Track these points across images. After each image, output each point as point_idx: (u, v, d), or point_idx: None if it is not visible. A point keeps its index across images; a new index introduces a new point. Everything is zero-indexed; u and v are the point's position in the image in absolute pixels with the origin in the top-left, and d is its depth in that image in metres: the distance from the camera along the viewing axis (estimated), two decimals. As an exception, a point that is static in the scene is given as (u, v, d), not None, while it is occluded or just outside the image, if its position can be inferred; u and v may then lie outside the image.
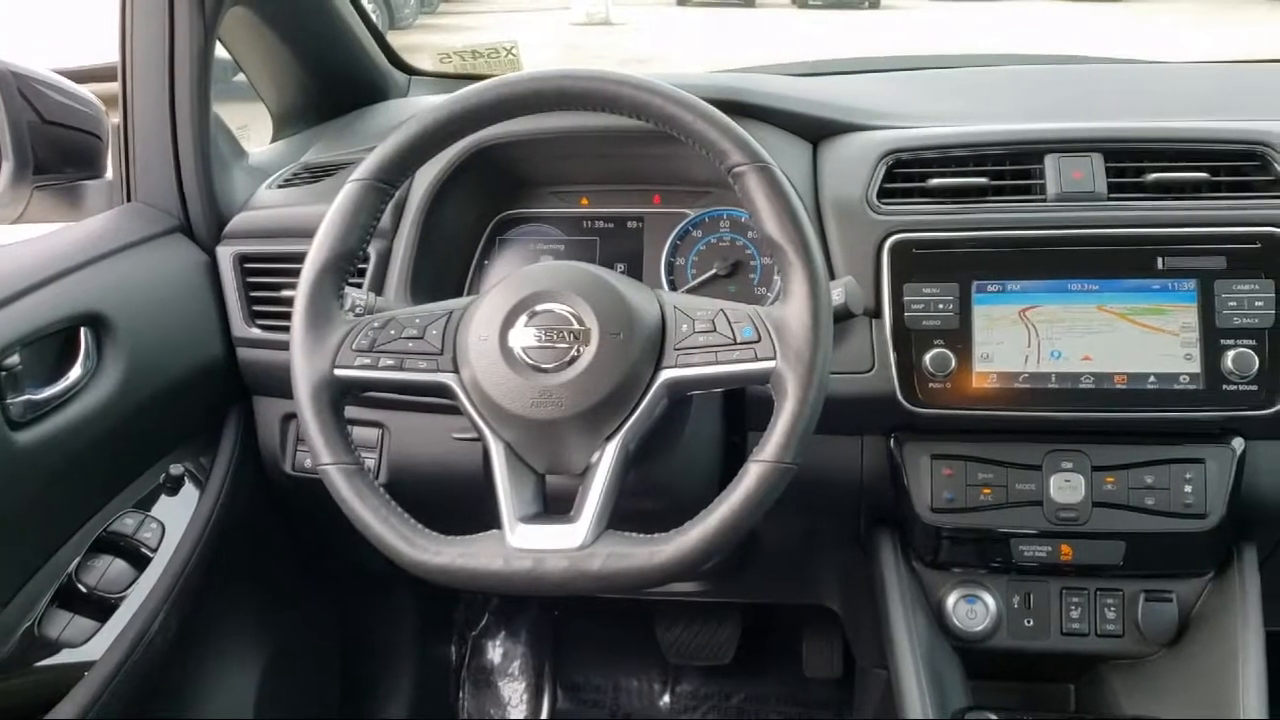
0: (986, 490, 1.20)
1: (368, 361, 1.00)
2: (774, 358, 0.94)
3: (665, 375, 0.97)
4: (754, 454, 0.94)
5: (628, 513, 0.98)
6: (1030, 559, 1.21)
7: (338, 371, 0.99)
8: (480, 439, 0.99)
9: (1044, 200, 1.19)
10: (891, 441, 1.23)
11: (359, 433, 1.31)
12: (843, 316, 1.06)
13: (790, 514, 1.33)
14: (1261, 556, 1.26)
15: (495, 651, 2.04)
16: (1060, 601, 1.24)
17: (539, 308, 0.98)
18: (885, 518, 1.29)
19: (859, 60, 1.70)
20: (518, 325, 0.98)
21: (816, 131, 1.31)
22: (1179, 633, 1.22)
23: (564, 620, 2.07)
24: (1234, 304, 1.13)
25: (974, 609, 1.25)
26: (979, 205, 1.20)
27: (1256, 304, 1.13)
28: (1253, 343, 1.13)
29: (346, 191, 1.02)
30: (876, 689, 1.50)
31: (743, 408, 1.24)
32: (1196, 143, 1.21)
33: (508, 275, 1.03)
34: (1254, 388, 1.12)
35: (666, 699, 1.99)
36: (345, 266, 1.03)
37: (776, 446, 0.93)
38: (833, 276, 1.19)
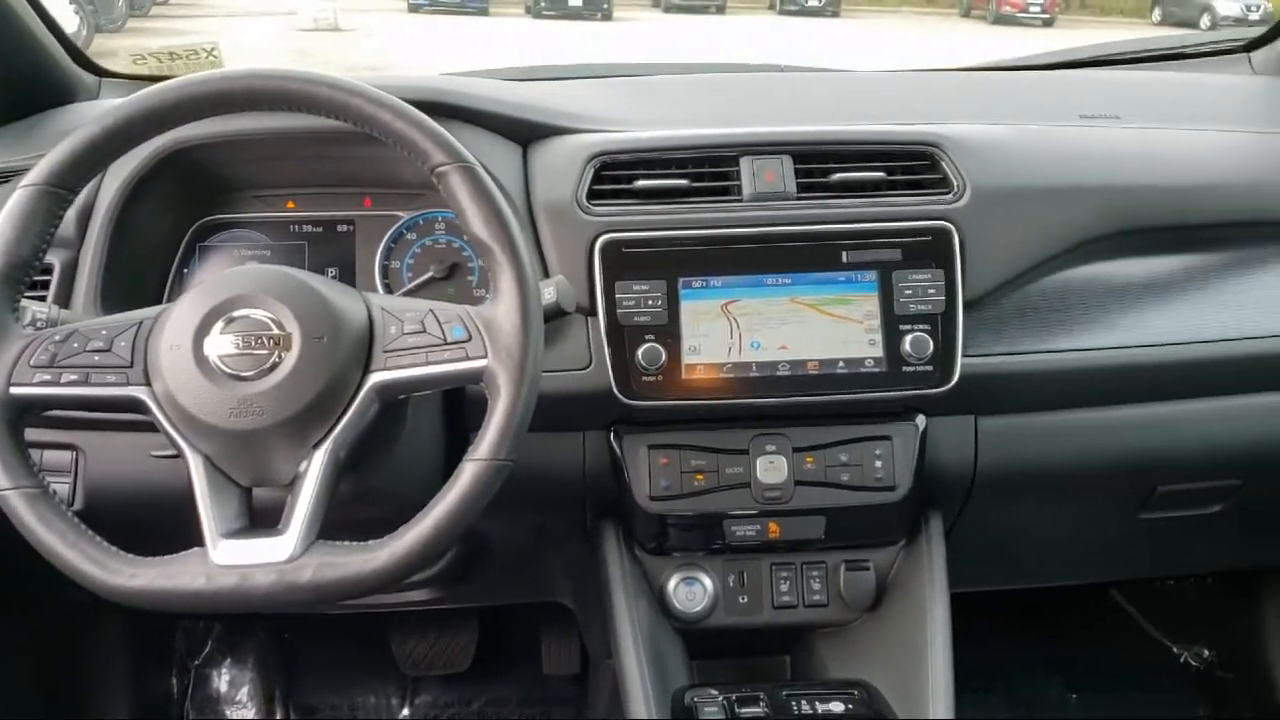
0: (700, 476, 1.25)
1: (48, 378, 0.93)
2: (485, 356, 0.95)
3: (374, 379, 0.96)
4: (468, 453, 0.94)
5: (345, 522, 0.97)
6: (742, 538, 1.27)
7: (14, 390, 0.92)
8: (179, 455, 0.95)
9: (741, 200, 1.26)
10: (611, 435, 1.27)
11: (50, 456, 1.22)
12: (555, 315, 1.08)
13: (517, 512, 1.34)
14: (947, 525, 1.38)
15: (221, 680, 1.94)
16: (771, 577, 1.31)
17: (236, 313, 0.95)
18: (609, 509, 1.33)
19: (570, 67, 1.74)
20: (213, 333, 0.94)
21: (526, 134, 1.33)
22: (877, 599, 1.32)
23: (295, 642, 2.00)
24: (910, 292, 1.23)
25: (693, 590, 1.30)
26: (682, 205, 1.25)
27: (929, 292, 1.23)
28: (928, 327, 1.23)
29: (16, 197, 0.95)
30: (609, 680, 1.54)
31: (463, 408, 1.24)
32: (874, 144, 1.31)
33: (201, 281, 0.99)
34: (930, 368, 1.23)
35: (405, 712, 1.97)
36: (18, 277, 0.95)
37: (490, 444, 0.94)
38: (547, 276, 1.21)
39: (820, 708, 1.18)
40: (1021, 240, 1.29)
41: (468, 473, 0.93)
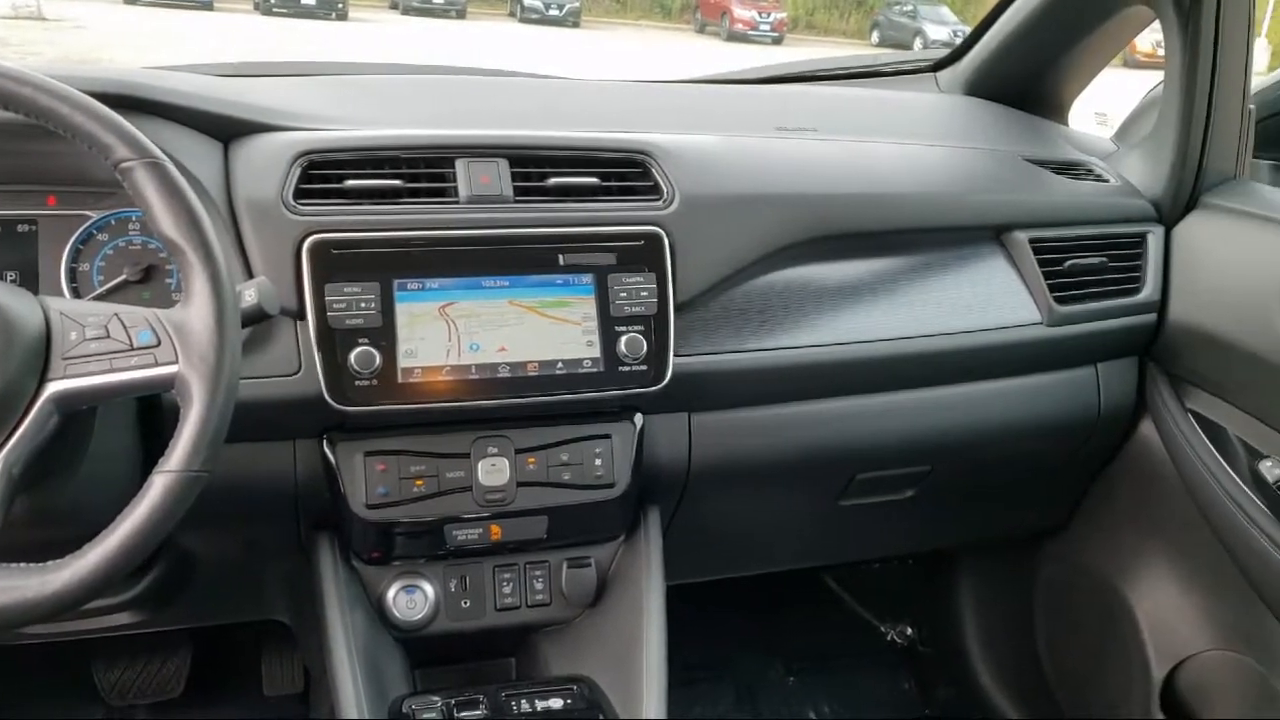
0: (419, 481, 1.24)
1: None
2: (176, 362, 0.90)
3: (52, 389, 0.89)
4: (159, 464, 0.89)
5: (25, 545, 0.90)
6: (464, 543, 1.26)
7: None
8: None
9: (456, 202, 1.25)
10: (324, 443, 1.23)
11: None
12: (257, 318, 1.04)
13: (224, 527, 1.29)
14: (665, 519, 1.42)
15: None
16: (493, 580, 1.31)
17: None
18: (325, 520, 1.29)
19: (282, 64, 1.68)
20: None
21: (227, 131, 1.27)
22: (598, 594, 1.34)
23: None
24: (624, 295, 1.27)
25: (413, 598, 1.28)
26: (395, 206, 1.23)
27: (642, 294, 1.27)
28: (641, 328, 1.26)
29: None
30: (329, 695, 1.49)
31: (160, 420, 1.17)
32: (589, 151, 1.34)
33: None
34: (644, 368, 1.26)
35: None
36: None
37: (183, 455, 0.89)
38: (251, 277, 1.17)
39: (540, 705, 1.20)
40: (727, 245, 1.35)
41: (157, 485, 0.88)
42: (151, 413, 1.16)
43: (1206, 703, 1.64)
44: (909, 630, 2.25)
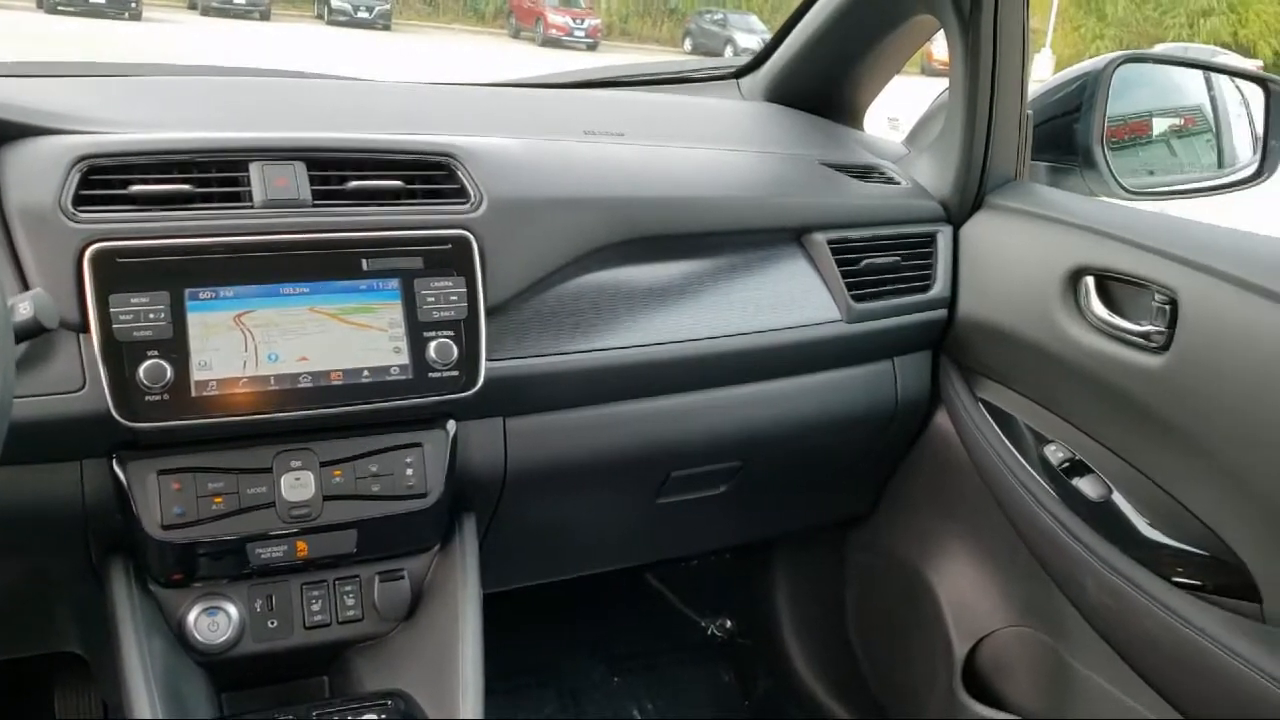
0: (219, 499, 1.18)
1: None
2: None
3: None
4: None
5: None
6: (268, 561, 1.22)
7: None
8: None
9: (251, 206, 1.21)
10: (114, 462, 1.16)
11: None
12: (34, 332, 0.98)
13: (8, 555, 1.20)
14: (481, 526, 1.41)
15: None
16: (302, 597, 1.27)
17: None
18: (118, 543, 1.22)
19: (58, 64, 1.58)
20: None
21: None
22: (413, 607, 1.32)
23: None
24: (433, 299, 1.25)
25: (216, 620, 1.22)
26: (185, 212, 1.18)
27: (452, 298, 1.25)
28: (451, 333, 1.25)
29: None
30: None
31: None
32: (392, 153, 1.31)
33: None
34: (456, 373, 1.25)
35: None
36: None
37: None
38: (27, 289, 1.09)
39: (353, 721, 1.16)
40: (537, 248, 1.35)
41: None
42: None
43: (1005, 677, 1.73)
44: (728, 623, 2.30)
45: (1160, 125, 1.91)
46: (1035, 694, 1.67)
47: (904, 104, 2.30)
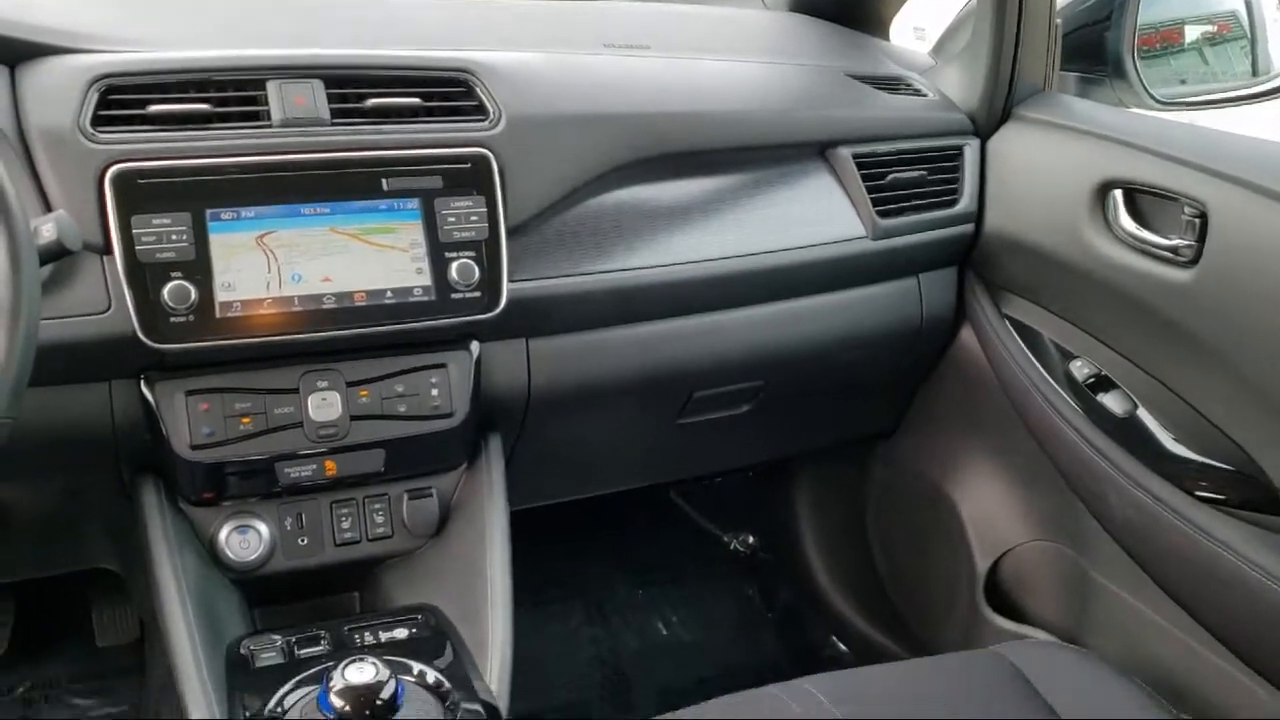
0: (246, 420, 1.19)
1: None
2: None
3: None
4: None
5: None
6: (297, 480, 1.23)
7: None
8: None
9: (270, 126, 1.19)
10: (142, 383, 1.17)
11: None
12: (58, 254, 0.98)
13: (39, 476, 1.22)
14: (507, 445, 1.42)
15: None
16: (331, 515, 1.28)
17: None
18: (148, 463, 1.23)
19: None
20: None
21: (13, 54, 1.18)
22: (441, 524, 1.33)
23: None
24: (453, 220, 1.24)
25: (247, 539, 1.24)
26: (204, 132, 1.17)
27: (472, 219, 1.25)
28: (473, 254, 1.24)
29: None
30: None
31: None
32: (409, 70, 1.29)
33: None
34: (478, 294, 1.24)
35: None
36: None
37: None
38: (49, 210, 1.09)
39: (384, 636, 1.18)
40: (558, 166, 1.33)
41: None
42: None
43: (1028, 591, 1.75)
44: (750, 539, 2.33)
45: (1192, 33, 1.85)
46: (1057, 608, 1.68)
47: (930, 13, 2.24)
